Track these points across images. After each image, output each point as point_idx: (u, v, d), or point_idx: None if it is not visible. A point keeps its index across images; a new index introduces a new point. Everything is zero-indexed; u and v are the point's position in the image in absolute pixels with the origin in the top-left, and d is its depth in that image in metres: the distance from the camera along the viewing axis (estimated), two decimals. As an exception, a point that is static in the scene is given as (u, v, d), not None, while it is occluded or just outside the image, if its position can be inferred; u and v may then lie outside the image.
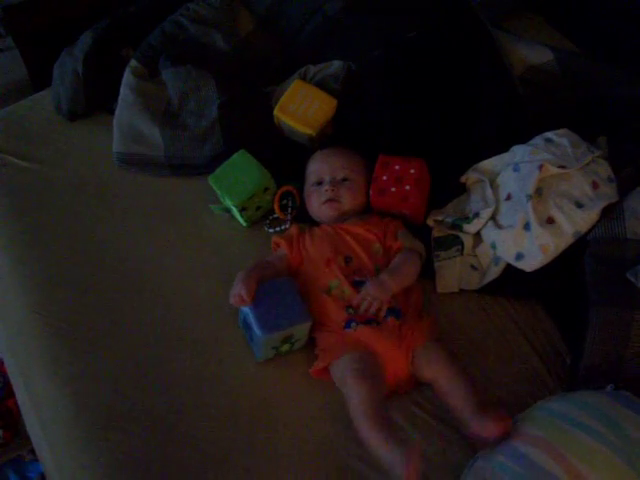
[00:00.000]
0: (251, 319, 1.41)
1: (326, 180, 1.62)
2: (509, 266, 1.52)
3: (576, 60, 1.84)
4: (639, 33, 1.89)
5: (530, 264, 1.49)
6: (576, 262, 1.48)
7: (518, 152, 1.59)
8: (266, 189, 1.66)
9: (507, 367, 1.46)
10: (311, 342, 1.47)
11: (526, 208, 1.48)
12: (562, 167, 1.50)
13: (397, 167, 1.62)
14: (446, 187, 1.68)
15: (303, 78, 1.84)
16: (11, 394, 1.79)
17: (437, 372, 1.35)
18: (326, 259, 1.51)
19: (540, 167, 1.49)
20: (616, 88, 1.77)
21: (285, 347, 1.44)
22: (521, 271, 1.50)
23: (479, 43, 1.81)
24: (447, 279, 1.56)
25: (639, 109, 1.73)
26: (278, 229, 1.67)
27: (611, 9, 1.98)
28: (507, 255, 1.51)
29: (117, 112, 1.88)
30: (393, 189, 1.60)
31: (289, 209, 1.69)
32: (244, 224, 1.69)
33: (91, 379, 1.46)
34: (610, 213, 1.48)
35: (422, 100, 1.74)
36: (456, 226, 1.58)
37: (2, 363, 1.91)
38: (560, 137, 1.57)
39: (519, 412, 1.27)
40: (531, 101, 1.78)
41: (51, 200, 1.79)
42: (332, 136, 1.77)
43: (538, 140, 1.59)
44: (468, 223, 1.56)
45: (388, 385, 1.39)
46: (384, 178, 1.62)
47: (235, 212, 1.66)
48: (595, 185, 1.51)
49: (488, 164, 1.65)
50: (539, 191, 1.50)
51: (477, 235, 1.59)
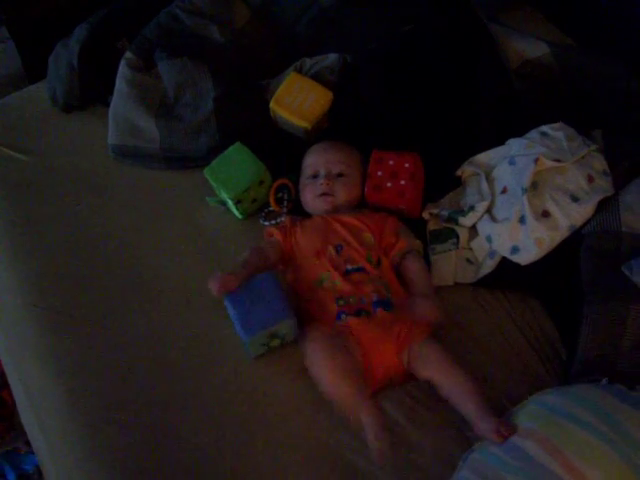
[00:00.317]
0: (234, 321, 1.41)
1: (321, 174, 1.62)
2: (504, 259, 1.52)
3: (572, 54, 1.84)
4: (635, 27, 1.89)
5: (525, 257, 1.49)
6: (571, 256, 1.48)
7: (514, 145, 1.59)
8: (261, 182, 1.66)
9: (502, 360, 1.46)
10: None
11: (522, 201, 1.48)
12: (557, 160, 1.50)
13: (391, 162, 1.62)
14: (442, 181, 1.68)
15: (299, 71, 1.83)
16: (5, 385, 1.79)
17: (435, 371, 1.34)
18: (316, 251, 1.51)
19: (536, 160, 1.49)
20: (612, 82, 1.77)
21: (275, 342, 1.44)
22: (516, 265, 1.50)
23: (475, 36, 1.81)
24: (442, 272, 1.56)
25: (634, 103, 1.73)
26: (273, 222, 1.67)
27: (608, 2, 1.97)
28: (502, 248, 1.51)
29: (112, 104, 1.88)
30: (389, 184, 1.60)
31: (284, 202, 1.69)
32: (240, 217, 1.69)
33: (86, 372, 1.46)
34: (605, 207, 1.48)
35: (418, 93, 1.74)
36: (452, 219, 1.58)
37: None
38: (556, 131, 1.57)
39: (514, 405, 1.27)
40: (527, 95, 1.78)
41: (46, 192, 1.79)
42: (327, 129, 1.77)
43: (534, 134, 1.59)
44: (464, 216, 1.56)
45: (379, 378, 1.39)
46: (379, 174, 1.62)
47: (231, 205, 1.66)
48: (590, 179, 1.51)
49: (484, 157, 1.65)
50: (534, 184, 1.50)
51: (473, 228, 1.59)
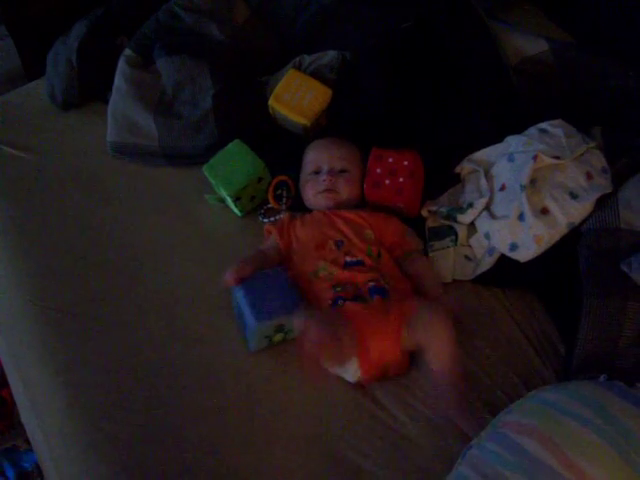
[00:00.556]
0: (244, 308, 1.41)
1: (324, 170, 1.62)
2: (503, 256, 1.52)
3: (571, 51, 1.84)
4: (634, 24, 1.89)
5: (524, 254, 1.49)
6: (570, 253, 1.48)
7: (512, 142, 1.59)
8: (260, 179, 1.66)
9: (501, 357, 1.46)
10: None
11: (520, 198, 1.48)
12: (556, 158, 1.50)
13: (391, 160, 1.62)
14: (441, 178, 1.68)
15: (298, 68, 1.83)
16: (5, 384, 1.79)
17: (431, 337, 1.33)
18: (316, 244, 1.51)
19: (534, 157, 1.49)
20: (611, 79, 1.77)
21: (278, 337, 1.44)
22: (515, 261, 1.50)
23: (474, 33, 1.81)
24: (441, 269, 1.56)
25: (633, 100, 1.73)
26: (272, 219, 1.67)
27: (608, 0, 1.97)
28: (501, 245, 1.51)
29: (111, 101, 1.88)
30: (387, 182, 1.60)
31: (283, 199, 1.69)
32: (238, 214, 1.69)
33: (85, 368, 1.46)
34: (604, 204, 1.48)
35: (417, 90, 1.74)
36: (450, 216, 1.58)
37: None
38: (555, 128, 1.58)
39: (512, 402, 1.27)
40: (526, 92, 1.78)
41: (45, 189, 1.79)
42: (326, 126, 1.77)
43: (532, 131, 1.59)
44: (462, 213, 1.56)
45: (374, 364, 1.38)
46: (378, 171, 1.62)
47: (229, 202, 1.66)
48: (589, 176, 1.51)
49: (483, 154, 1.65)
50: (533, 182, 1.50)
51: (471, 225, 1.59)
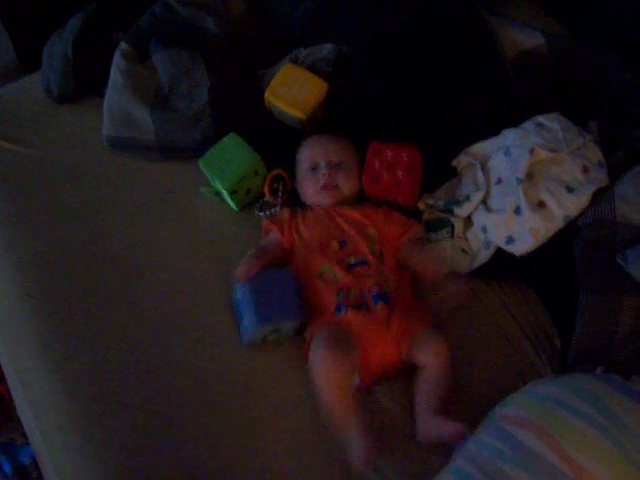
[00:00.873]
0: (246, 306, 1.41)
1: (322, 165, 1.61)
2: (499, 250, 1.52)
3: (567, 44, 1.84)
4: (630, 18, 1.89)
5: (520, 248, 1.49)
6: (566, 246, 1.48)
7: (509, 136, 1.59)
8: (256, 172, 1.66)
9: (497, 350, 1.47)
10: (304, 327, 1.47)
11: (517, 192, 1.48)
12: (553, 151, 1.50)
13: (389, 154, 1.63)
14: (437, 171, 1.67)
15: (294, 61, 1.83)
16: (2, 378, 1.79)
17: (431, 360, 1.36)
18: (320, 244, 1.51)
19: (531, 151, 1.49)
20: (607, 72, 1.77)
21: (273, 336, 1.45)
22: (511, 255, 1.51)
23: (471, 27, 1.80)
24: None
25: (630, 93, 1.73)
26: (268, 212, 1.67)
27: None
28: (497, 239, 1.51)
29: (107, 95, 1.87)
30: (385, 176, 1.61)
31: (279, 193, 1.69)
32: (234, 207, 1.69)
33: (82, 363, 1.46)
34: (600, 197, 1.48)
35: (413, 84, 1.73)
36: (447, 209, 1.58)
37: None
38: (551, 121, 1.57)
39: (508, 395, 1.27)
40: (522, 85, 1.77)
41: (41, 183, 1.78)
42: (323, 120, 1.77)
43: (529, 124, 1.59)
44: (459, 207, 1.56)
45: (374, 372, 1.40)
46: (376, 165, 1.62)
47: (225, 195, 1.66)
48: (585, 169, 1.51)
49: (479, 148, 1.65)
50: (530, 175, 1.50)
51: (468, 219, 1.58)
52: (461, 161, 1.66)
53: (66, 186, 1.77)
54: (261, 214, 1.67)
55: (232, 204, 1.68)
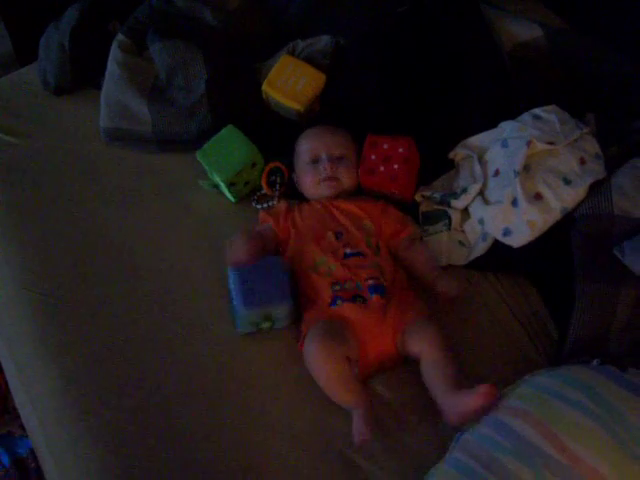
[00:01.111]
0: (235, 292, 1.42)
1: (323, 158, 1.61)
2: (496, 242, 1.52)
3: (565, 36, 1.83)
4: (628, 10, 1.89)
5: (517, 240, 1.49)
6: (563, 238, 1.48)
7: (506, 128, 1.59)
8: (254, 164, 1.66)
9: (494, 342, 1.47)
10: (299, 319, 1.47)
11: (514, 184, 1.48)
12: (550, 143, 1.50)
13: (385, 146, 1.63)
14: (435, 163, 1.68)
15: (291, 53, 1.83)
16: (0, 372, 1.79)
17: (425, 348, 1.35)
18: (315, 236, 1.51)
19: (528, 143, 1.49)
20: (605, 65, 1.77)
21: (266, 325, 1.44)
22: (508, 247, 1.51)
23: (469, 19, 1.80)
24: (434, 253, 1.56)
25: (627, 86, 1.73)
26: (265, 205, 1.67)
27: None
28: (495, 231, 1.51)
29: (104, 87, 1.86)
30: (382, 168, 1.61)
31: (277, 185, 1.69)
32: (232, 200, 1.69)
33: (80, 355, 1.46)
34: (597, 190, 1.48)
35: (411, 76, 1.73)
36: (444, 202, 1.58)
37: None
38: (548, 113, 1.57)
39: (505, 387, 1.27)
40: (520, 77, 1.77)
41: (38, 175, 1.78)
42: (320, 112, 1.77)
43: (526, 116, 1.59)
44: (456, 199, 1.56)
45: (372, 363, 1.40)
46: (372, 158, 1.62)
47: (223, 188, 1.66)
48: (582, 161, 1.51)
49: (476, 140, 1.65)
50: (527, 167, 1.50)
51: (465, 211, 1.59)
52: (458, 153, 1.66)
53: (63, 178, 1.77)
54: (258, 207, 1.67)
55: (230, 196, 1.68)
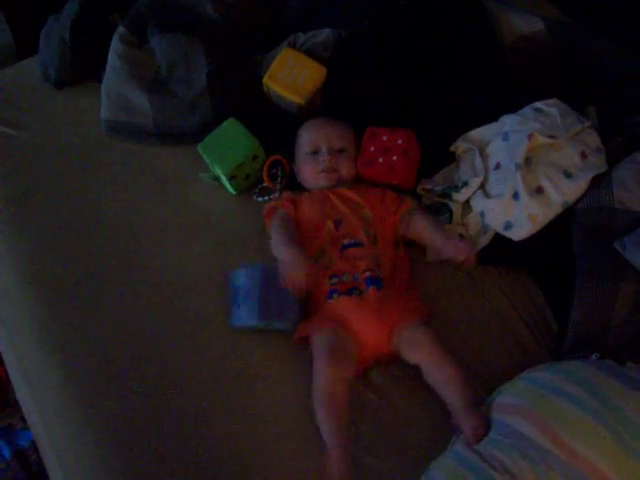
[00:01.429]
0: (247, 298, 1.42)
1: (323, 150, 1.61)
2: (497, 235, 1.53)
3: (567, 29, 1.83)
4: (630, 3, 1.88)
5: (518, 233, 1.49)
6: (564, 232, 1.48)
7: (507, 122, 1.59)
8: (255, 157, 1.66)
9: (494, 336, 1.48)
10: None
11: (515, 177, 1.48)
12: (551, 137, 1.50)
13: (385, 138, 1.63)
14: (436, 156, 1.68)
15: (292, 46, 1.82)
16: (1, 362, 1.79)
17: (423, 356, 1.35)
18: (315, 225, 1.52)
19: (529, 137, 1.49)
20: (606, 58, 1.76)
21: (265, 328, 1.45)
22: (509, 240, 1.51)
23: (470, 12, 1.80)
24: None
25: (628, 79, 1.72)
26: (267, 198, 1.67)
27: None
28: (496, 224, 1.51)
29: (105, 80, 1.86)
30: (380, 160, 1.61)
31: (278, 178, 1.69)
32: (233, 192, 1.69)
33: (81, 347, 1.47)
34: (598, 183, 1.48)
35: (412, 69, 1.73)
36: (445, 195, 1.58)
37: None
38: (549, 107, 1.57)
39: (505, 380, 1.28)
40: (521, 70, 1.77)
41: (38, 168, 1.78)
42: (321, 105, 1.77)
43: (527, 110, 1.59)
44: (457, 192, 1.56)
45: (367, 360, 1.40)
46: (371, 149, 1.62)
47: (224, 180, 1.66)
48: (584, 155, 1.51)
49: (477, 133, 1.65)
50: (528, 161, 1.50)
51: (466, 204, 1.59)
52: (459, 146, 1.66)
53: (64, 171, 1.77)
54: (259, 199, 1.67)
55: (231, 189, 1.68)
